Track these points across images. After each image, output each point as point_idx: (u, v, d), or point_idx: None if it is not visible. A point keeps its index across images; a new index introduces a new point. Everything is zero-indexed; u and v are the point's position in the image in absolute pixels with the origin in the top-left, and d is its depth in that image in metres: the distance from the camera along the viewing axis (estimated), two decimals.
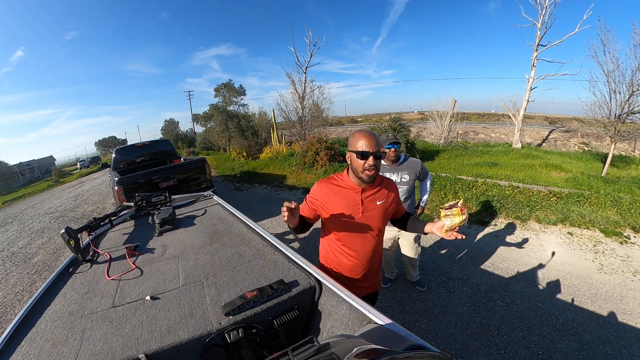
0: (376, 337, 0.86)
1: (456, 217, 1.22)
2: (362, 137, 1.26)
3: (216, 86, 29.24)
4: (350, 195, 1.35)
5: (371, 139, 1.25)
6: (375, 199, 1.38)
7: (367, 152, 1.24)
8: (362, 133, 1.28)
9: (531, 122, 19.59)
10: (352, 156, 1.30)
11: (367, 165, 1.25)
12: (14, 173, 33.90)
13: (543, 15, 10.74)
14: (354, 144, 1.28)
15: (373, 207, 1.37)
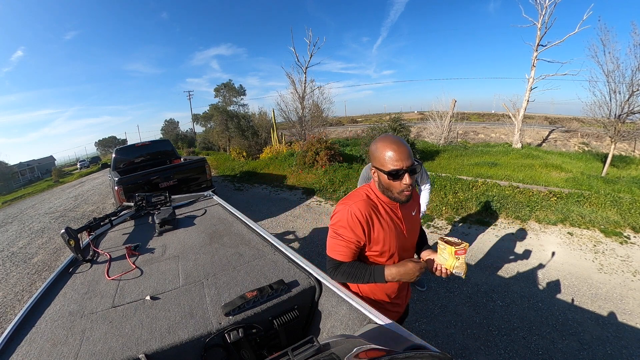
0: (376, 337, 0.86)
1: (447, 256, 1.04)
2: (389, 148, 1.00)
3: (216, 86, 29.30)
4: (391, 215, 1.13)
5: (401, 149, 0.99)
6: (411, 209, 1.20)
7: (399, 170, 0.99)
8: (388, 143, 1.02)
9: (531, 122, 19.60)
10: (380, 174, 1.06)
11: (403, 186, 1.02)
12: (14, 173, 33.91)
13: (543, 15, 10.74)
14: (381, 158, 1.02)
15: (412, 219, 1.19)
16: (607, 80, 7.84)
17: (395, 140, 1.02)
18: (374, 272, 1.08)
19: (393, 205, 1.13)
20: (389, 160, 1.00)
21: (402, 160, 0.99)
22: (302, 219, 5.29)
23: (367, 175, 2.55)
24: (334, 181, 7.18)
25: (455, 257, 1.03)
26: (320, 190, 6.85)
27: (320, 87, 13.51)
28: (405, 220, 1.16)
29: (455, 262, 1.03)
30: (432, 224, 4.54)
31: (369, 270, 1.09)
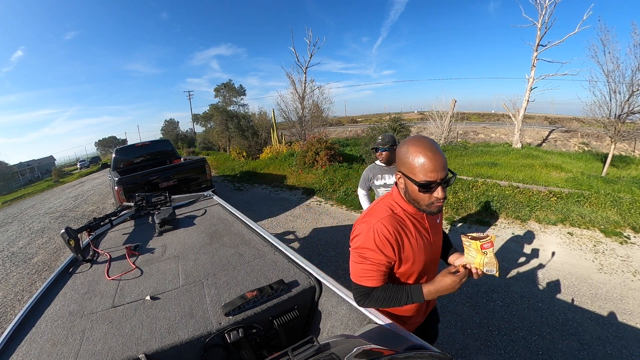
0: (376, 337, 0.86)
1: (474, 253, 0.96)
2: (423, 155, 0.86)
3: (216, 86, 29.32)
4: (418, 228, 1.02)
5: (437, 158, 0.85)
6: (435, 219, 1.09)
7: (432, 182, 0.86)
8: (422, 148, 0.87)
9: (531, 122, 19.59)
10: (408, 183, 0.93)
11: (433, 198, 0.91)
12: (14, 173, 33.91)
13: (543, 15, 10.73)
14: (412, 165, 0.88)
15: (437, 227, 1.10)
16: (607, 80, 7.84)
17: (431, 147, 0.87)
18: (411, 293, 0.97)
19: (419, 216, 1.02)
20: (421, 170, 0.86)
21: (437, 170, 0.85)
22: (302, 219, 5.29)
23: (367, 176, 2.56)
24: (334, 181, 7.18)
25: (483, 252, 0.93)
26: (320, 190, 6.85)
27: (320, 87, 13.54)
28: (432, 231, 1.06)
29: (483, 259, 0.94)
30: None
31: (406, 292, 0.98)
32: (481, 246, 0.93)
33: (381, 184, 2.47)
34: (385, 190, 2.49)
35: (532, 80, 11.53)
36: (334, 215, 5.28)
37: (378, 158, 2.43)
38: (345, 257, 3.68)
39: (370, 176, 2.52)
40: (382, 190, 2.50)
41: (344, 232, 4.46)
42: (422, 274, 1.07)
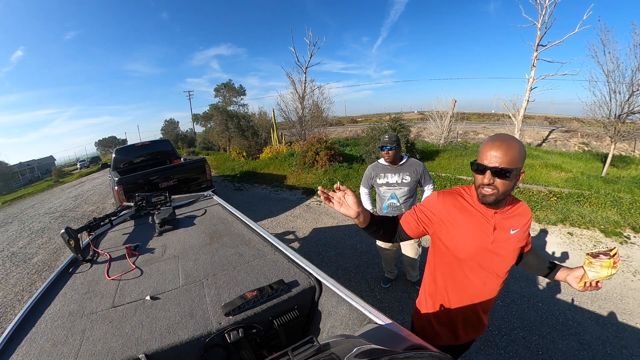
0: (376, 337, 0.86)
1: (605, 269, 0.94)
2: (490, 142, 0.95)
3: (216, 86, 29.29)
4: (478, 218, 1.05)
5: (495, 146, 0.92)
6: (507, 226, 1.05)
7: (481, 165, 0.95)
8: (494, 138, 0.96)
9: (531, 122, 19.59)
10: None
11: (480, 182, 0.98)
12: (14, 173, 33.91)
13: (543, 15, 10.71)
14: (480, 149, 0.98)
15: (505, 237, 1.05)
16: (607, 80, 7.84)
17: (499, 137, 0.94)
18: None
19: (485, 211, 1.04)
20: (481, 152, 0.97)
21: (490, 157, 0.92)
22: (302, 219, 5.29)
23: (369, 174, 2.55)
24: (334, 181, 7.17)
25: (614, 266, 0.94)
26: None
27: (320, 87, 13.50)
28: (495, 233, 1.04)
29: (613, 271, 0.94)
30: None
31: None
32: (614, 262, 0.93)
33: (383, 182, 2.46)
34: (387, 189, 2.47)
35: (532, 80, 11.51)
36: (334, 215, 5.28)
37: (383, 156, 2.41)
38: (345, 257, 3.68)
39: (373, 174, 2.51)
40: (383, 189, 2.49)
41: (344, 232, 4.47)
42: (470, 264, 1.08)
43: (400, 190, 2.43)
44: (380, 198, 2.56)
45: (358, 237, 4.24)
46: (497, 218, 1.05)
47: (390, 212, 2.52)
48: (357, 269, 3.40)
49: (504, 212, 1.05)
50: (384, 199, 2.52)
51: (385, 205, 2.53)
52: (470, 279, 1.10)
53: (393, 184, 2.44)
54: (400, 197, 2.45)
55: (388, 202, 2.50)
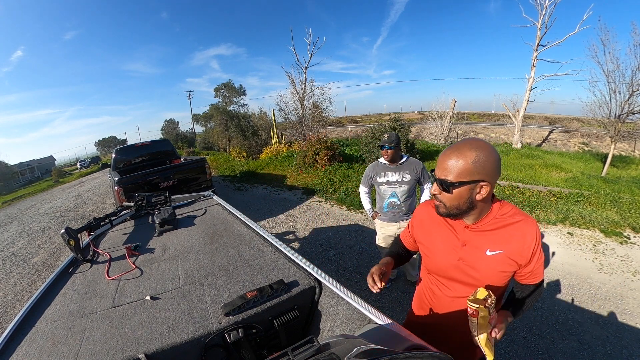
0: (376, 337, 0.86)
1: (475, 323, 0.79)
2: (443, 152, 0.90)
3: (216, 86, 29.32)
4: (447, 231, 1.00)
5: (446, 155, 0.87)
6: (482, 244, 0.93)
7: (433, 174, 0.93)
8: (449, 147, 0.89)
9: (531, 122, 19.59)
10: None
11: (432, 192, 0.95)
12: (14, 173, 33.92)
13: (543, 15, 10.72)
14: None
15: (477, 256, 0.93)
16: (607, 80, 7.83)
17: (456, 147, 0.86)
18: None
19: (455, 224, 0.98)
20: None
21: (440, 167, 0.88)
22: (302, 219, 5.29)
23: (370, 173, 2.57)
24: (334, 181, 7.17)
25: (477, 317, 0.77)
26: (320, 190, 6.85)
27: (320, 87, 13.51)
28: (468, 249, 0.95)
29: (479, 325, 0.78)
30: None
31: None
32: (474, 313, 0.76)
33: (384, 181, 2.48)
34: (387, 187, 2.48)
35: (532, 80, 11.53)
36: (334, 215, 5.28)
37: (383, 155, 2.43)
38: (345, 257, 3.68)
39: (373, 173, 2.53)
40: (384, 188, 2.50)
41: (344, 232, 4.47)
42: (439, 278, 1.04)
43: (400, 189, 2.45)
44: (381, 197, 2.57)
45: (358, 237, 4.24)
46: (467, 234, 0.95)
47: (391, 210, 2.53)
48: (357, 269, 3.40)
49: (477, 228, 0.93)
50: (384, 198, 2.53)
51: (385, 204, 2.54)
52: (442, 291, 1.04)
53: (393, 183, 2.45)
54: (401, 196, 2.46)
55: (388, 201, 2.51)
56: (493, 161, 0.84)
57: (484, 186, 0.84)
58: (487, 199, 0.90)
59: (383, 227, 2.67)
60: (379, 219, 2.66)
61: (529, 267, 0.93)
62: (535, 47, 11.27)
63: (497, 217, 0.93)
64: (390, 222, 2.60)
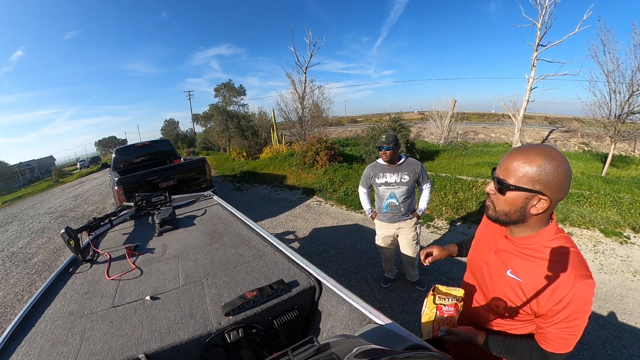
0: (376, 337, 0.86)
1: (427, 308, 0.90)
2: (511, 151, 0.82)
3: (216, 86, 29.34)
4: (492, 231, 0.97)
5: (512, 154, 0.78)
6: (509, 262, 0.86)
7: (493, 171, 0.85)
8: (521, 146, 0.80)
9: (531, 122, 19.59)
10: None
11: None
12: (14, 173, 33.93)
13: (543, 16, 10.71)
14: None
15: (498, 269, 0.89)
16: (607, 80, 7.83)
17: (527, 148, 0.78)
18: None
19: (501, 229, 0.92)
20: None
21: (502, 165, 0.80)
22: (302, 219, 5.29)
23: (368, 174, 2.56)
24: (334, 181, 7.18)
25: (431, 309, 0.87)
26: (320, 190, 6.85)
27: (320, 87, 13.52)
28: (495, 258, 0.91)
29: (428, 314, 0.87)
30: (432, 224, 4.54)
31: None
32: (439, 308, 0.85)
33: (382, 182, 2.47)
34: (386, 188, 2.48)
35: (532, 80, 11.52)
36: (334, 215, 5.28)
37: (381, 156, 2.42)
38: (345, 257, 3.68)
39: (372, 174, 2.52)
40: (382, 189, 2.50)
41: (344, 232, 4.47)
42: (469, 271, 1.05)
43: (399, 190, 2.45)
44: (380, 198, 2.57)
45: (358, 237, 4.24)
46: (504, 243, 0.89)
47: (390, 211, 2.53)
48: (357, 269, 3.40)
49: (514, 243, 0.85)
50: (383, 199, 2.53)
51: (384, 205, 2.54)
52: (466, 281, 1.07)
53: (392, 184, 2.45)
54: (400, 197, 2.46)
55: (387, 202, 2.51)
56: (560, 175, 0.73)
57: (543, 200, 0.75)
58: (543, 218, 0.80)
59: (382, 228, 2.67)
60: (378, 219, 2.66)
61: (544, 321, 0.79)
62: (535, 47, 11.26)
63: (541, 244, 0.81)
64: (389, 222, 2.60)
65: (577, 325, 0.75)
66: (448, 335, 0.89)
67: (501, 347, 0.88)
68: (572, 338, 0.77)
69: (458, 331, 0.89)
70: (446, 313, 0.86)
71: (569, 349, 0.78)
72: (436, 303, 0.86)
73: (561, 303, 0.74)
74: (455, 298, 0.87)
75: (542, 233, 0.81)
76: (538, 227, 0.81)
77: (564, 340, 0.78)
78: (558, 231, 0.82)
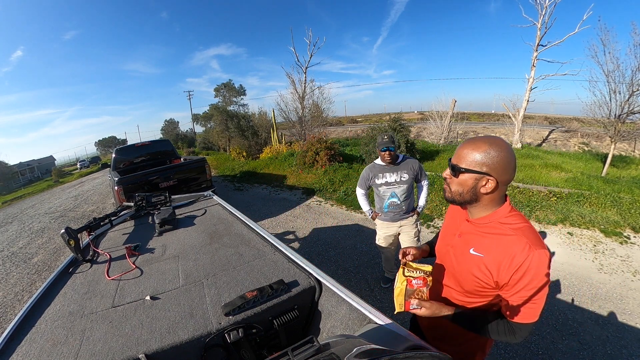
0: (376, 337, 0.86)
1: (398, 281, 0.93)
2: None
3: (216, 86, 29.32)
4: (455, 218, 1.05)
5: (464, 143, 0.90)
6: (471, 240, 0.93)
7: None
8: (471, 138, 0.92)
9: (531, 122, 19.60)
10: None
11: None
12: (14, 173, 33.93)
13: (543, 16, 10.73)
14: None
15: (462, 250, 0.95)
16: (607, 80, 7.85)
17: (476, 138, 0.90)
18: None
19: (464, 213, 1.00)
20: None
21: (456, 153, 0.92)
22: (302, 219, 5.29)
23: (367, 176, 2.55)
24: (334, 181, 7.18)
25: (400, 282, 0.91)
26: (320, 190, 6.85)
27: (320, 87, 13.53)
28: (459, 240, 0.98)
29: (399, 287, 0.91)
30: (432, 224, 4.54)
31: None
32: (408, 280, 0.90)
33: (382, 182, 2.48)
34: (386, 188, 2.48)
35: (532, 80, 11.53)
36: (334, 215, 5.28)
37: (384, 157, 2.40)
38: (345, 257, 3.68)
39: (371, 175, 2.52)
40: (383, 189, 2.50)
41: (344, 232, 4.46)
42: (438, 259, 1.09)
43: (400, 189, 2.45)
44: (380, 198, 2.57)
45: (358, 237, 4.24)
46: (465, 226, 0.97)
47: (392, 210, 2.54)
48: (357, 269, 3.40)
49: (474, 223, 0.94)
50: (384, 199, 2.53)
51: (385, 205, 2.54)
52: (437, 266, 1.08)
53: (392, 183, 2.45)
54: (401, 195, 2.47)
55: (389, 202, 2.51)
56: (503, 158, 0.83)
57: (490, 180, 0.85)
58: (494, 197, 0.89)
59: (384, 227, 2.67)
60: (380, 219, 2.66)
61: (507, 292, 0.84)
62: (535, 47, 11.27)
63: (498, 222, 0.89)
64: (391, 221, 2.60)
65: (539, 294, 0.81)
66: (419, 308, 0.93)
67: (469, 319, 0.94)
68: (534, 307, 0.82)
69: (427, 303, 0.93)
70: (415, 286, 0.91)
71: (534, 318, 0.83)
72: (405, 275, 0.91)
73: (519, 271, 0.80)
74: (424, 272, 0.92)
75: (498, 212, 0.90)
76: (492, 207, 0.91)
77: (528, 310, 0.83)
78: (512, 210, 0.91)
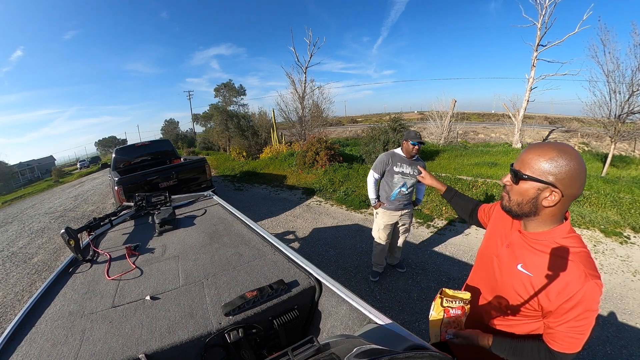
0: (376, 337, 0.86)
1: (434, 311, 0.90)
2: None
3: (216, 86, 29.22)
4: (505, 225, 0.97)
5: (530, 148, 0.82)
6: (521, 255, 0.87)
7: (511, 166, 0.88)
8: (539, 143, 0.84)
9: (531, 122, 19.59)
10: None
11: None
12: (14, 173, 33.92)
13: (543, 16, 10.73)
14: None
15: (509, 263, 0.89)
16: (607, 80, 7.83)
17: (544, 144, 0.82)
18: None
19: (515, 222, 0.94)
20: None
21: (519, 157, 0.84)
22: (302, 219, 5.29)
23: (386, 160, 2.68)
24: (334, 181, 7.18)
25: (438, 311, 0.88)
26: (320, 190, 6.85)
27: (320, 87, 13.52)
28: (506, 252, 0.91)
29: (436, 315, 0.88)
30: (432, 223, 4.54)
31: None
32: (446, 310, 0.86)
33: (400, 171, 2.65)
34: (401, 177, 2.65)
35: (532, 80, 11.53)
36: (334, 215, 5.28)
37: (411, 150, 2.57)
38: (345, 257, 3.68)
39: (390, 161, 2.68)
40: (397, 177, 2.67)
41: (344, 232, 4.47)
42: (478, 262, 1.06)
43: (411, 181, 2.67)
44: (389, 186, 2.71)
45: (358, 237, 4.24)
46: (516, 237, 0.89)
47: (398, 199, 2.71)
48: (357, 269, 3.40)
49: (527, 237, 0.86)
50: (394, 187, 2.69)
51: (394, 193, 2.70)
52: (474, 273, 1.08)
53: (407, 174, 2.65)
54: (409, 187, 2.70)
55: (398, 190, 2.68)
56: (572, 169, 0.73)
57: (554, 192, 0.76)
58: (555, 213, 0.80)
59: (386, 215, 2.80)
60: (384, 207, 2.79)
61: (553, 321, 0.79)
62: (535, 47, 11.27)
63: (555, 242, 0.81)
64: (395, 210, 2.76)
65: (586, 325, 0.75)
66: (455, 338, 0.89)
67: (508, 348, 0.87)
68: (580, 337, 0.77)
69: (465, 334, 0.89)
70: (453, 315, 0.88)
71: (577, 348, 0.78)
72: (444, 306, 0.87)
73: (571, 301, 0.74)
74: (462, 300, 0.87)
75: (556, 230, 0.82)
76: (551, 224, 0.82)
77: (573, 340, 0.78)
78: (571, 231, 0.82)
